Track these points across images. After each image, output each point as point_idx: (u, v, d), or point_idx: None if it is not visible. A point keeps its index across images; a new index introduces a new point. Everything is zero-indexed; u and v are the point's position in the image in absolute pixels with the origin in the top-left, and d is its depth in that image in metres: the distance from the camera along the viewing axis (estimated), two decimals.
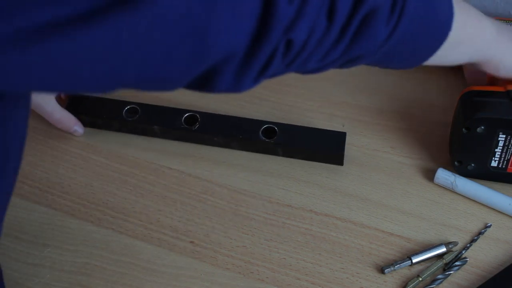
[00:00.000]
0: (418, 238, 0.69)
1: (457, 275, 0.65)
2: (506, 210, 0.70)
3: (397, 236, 0.69)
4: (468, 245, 0.67)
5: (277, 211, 0.72)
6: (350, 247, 0.68)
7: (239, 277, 0.65)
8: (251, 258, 0.67)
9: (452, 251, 0.67)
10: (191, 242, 0.68)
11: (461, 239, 0.69)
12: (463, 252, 0.67)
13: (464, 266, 0.66)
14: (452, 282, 0.65)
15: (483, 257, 0.67)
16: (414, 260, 0.66)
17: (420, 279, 0.64)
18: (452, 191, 0.72)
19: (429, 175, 0.74)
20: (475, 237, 0.68)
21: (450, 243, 0.67)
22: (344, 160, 0.76)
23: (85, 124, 0.81)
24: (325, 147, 0.75)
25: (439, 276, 0.64)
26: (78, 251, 0.67)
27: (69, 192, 0.74)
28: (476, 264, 0.66)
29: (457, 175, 0.72)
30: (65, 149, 0.79)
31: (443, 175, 0.72)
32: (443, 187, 0.73)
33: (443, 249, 0.66)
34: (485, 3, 0.94)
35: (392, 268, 0.65)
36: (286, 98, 0.86)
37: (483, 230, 0.69)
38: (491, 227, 0.69)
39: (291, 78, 0.90)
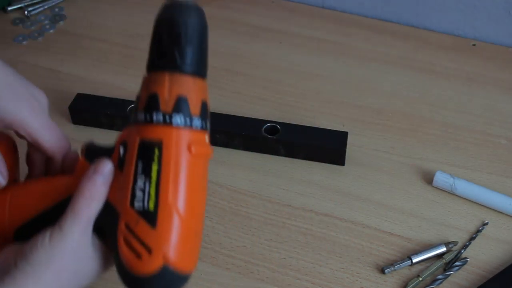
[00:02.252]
0: (418, 238, 0.69)
1: (457, 275, 0.65)
2: (506, 210, 0.70)
3: (397, 236, 0.69)
4: (467, 243, 0.67)
5: (278, 211, 0.72)
6: (350, 247, 0.68)
7: (239, 277, 0.65)
8: (251, 258, 0.67)
9: (452, 250, 0.67)
10: None
11: (462, 239, 0.69)
12: (462, 251, 0.67)
13: (465, 266, 0.66)
14: (452, 282, 0.65)
15: (483, 257, 0.67)
16: (414, 260, 0.66)
17: (420, 279, 0.64)
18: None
19: (429, 175, 0.74)
20: (474, 235, 0.68)
21: (450, 242, 0.67)
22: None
23: (88, 123, 0.81)
24: (328, 145, 0.75)
25: (439, 276, 0.64)
26: None
27: None
28: (476, 264, 0.66)
29: (456, 177, 0.72)
30: None
31: (442, 178, 0.72)
32: None
33: (443, 249, 0.66)
34: (486, 4, 0.94)
35: (392, 268, 0.65)
36: (286, 98, 0.86)
37: (481, 228, 0.69)
38: (493, 227, 0.69)
39: (291, 78, 0.90)
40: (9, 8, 1.03)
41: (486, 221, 0.70)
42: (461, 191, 0.72)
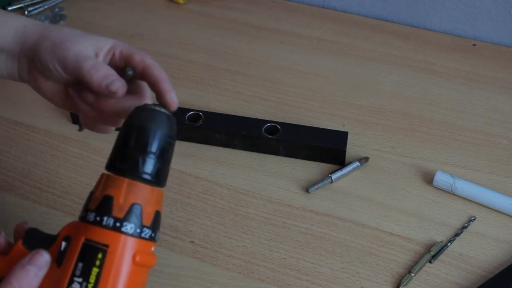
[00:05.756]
0: (418, 237, 0.69)
1: (457, 275, 0.65)
2: (506, 210, 0.70)
3: (397, 236, 0.69)
4: (452, 238, 0.68)
5: (278, 211, 0.72)
6: (350, 247, 0.68)
7: (240, 277, 0.65)
8: (252, 258, 0.67)
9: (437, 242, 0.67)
10: (192, 242, 0.68)
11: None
12: (449, 244, 0.67)
13: (464, 266, 0.66)
14: (452, 282, 0.65)
15: (483, 257, 0.67)
16: (334, 177, 0.73)
17: (413, 274, 0.64)
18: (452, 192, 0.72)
19: (429, 175, 0.74)
20: (460, 230, 0.69)
21: (362, 158, 0.75)
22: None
23: None
24: (328, 145, 0.75)
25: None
26: None
27: (69, 192, 0.74)
28: (476, 264, 0.66)
29: (456, 177, 0.72)
30: (65, 149, 0.79)
31: (442, 178, 0.72)
32: None
33: (357, 164, 0.74)
34: (486, 3, 0.94)
35: (315, 187, 0.72)
36: (287, 98, 0.86)
37: (466, 224, 0.69)
38: (493, 227, 0.69)
39: (291, 78, 0.90)
40: (9, 8, 1.03)
41: (474, 216, 0.70)
42: (461, 191, 0.72)
